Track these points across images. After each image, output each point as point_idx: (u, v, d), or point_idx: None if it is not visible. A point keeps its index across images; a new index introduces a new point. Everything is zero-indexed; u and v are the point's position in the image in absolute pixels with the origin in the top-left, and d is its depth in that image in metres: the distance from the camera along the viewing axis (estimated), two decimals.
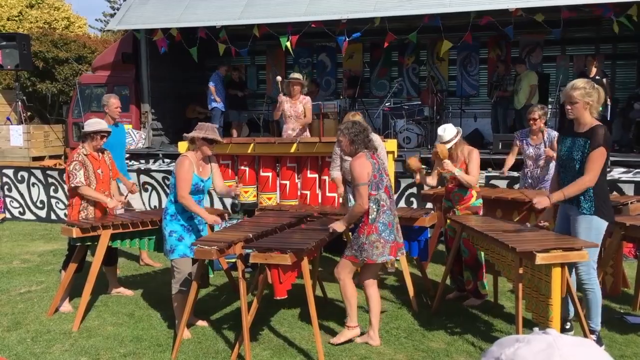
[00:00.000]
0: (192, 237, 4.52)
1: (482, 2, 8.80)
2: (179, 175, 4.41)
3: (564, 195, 4.02)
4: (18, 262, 6.94)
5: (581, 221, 4.07)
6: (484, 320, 4.84)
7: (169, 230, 4.52)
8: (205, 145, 4.50)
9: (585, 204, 4.05)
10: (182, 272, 4.49)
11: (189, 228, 4.55)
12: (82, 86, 12.16)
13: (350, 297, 4.27)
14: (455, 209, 5.20)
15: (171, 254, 4.51)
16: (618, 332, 4.50)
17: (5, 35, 12.56)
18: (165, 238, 4.56)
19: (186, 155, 4.51)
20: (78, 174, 5.11)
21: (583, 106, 3.99)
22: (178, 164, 4.47)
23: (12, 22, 20.69)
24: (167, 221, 4.54)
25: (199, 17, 10.26)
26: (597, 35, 11.10)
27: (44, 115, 16.37)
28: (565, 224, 4.29)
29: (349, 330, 4.32)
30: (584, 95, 3.97)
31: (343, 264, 4.26)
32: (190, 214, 4.55)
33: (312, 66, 13.05)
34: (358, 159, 4.13)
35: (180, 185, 4.39)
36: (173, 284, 4.55)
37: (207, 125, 4.56)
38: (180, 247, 4.49)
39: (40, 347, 4.40)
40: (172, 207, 4.54)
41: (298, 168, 6.26)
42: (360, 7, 9.42)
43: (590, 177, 3.93)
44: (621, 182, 7.23)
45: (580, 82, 4.06)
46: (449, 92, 11.96)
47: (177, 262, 4.50)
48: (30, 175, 9.66)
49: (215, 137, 4.51)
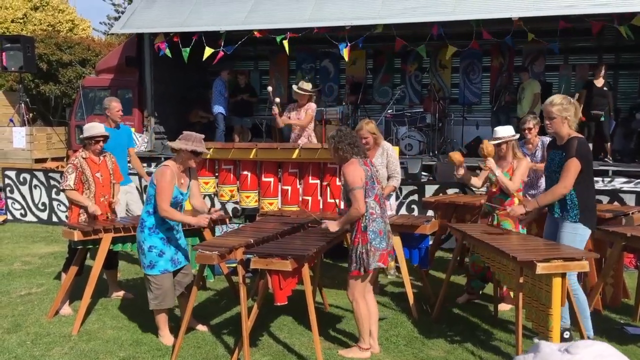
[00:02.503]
0: (172, 249, 4.42)
1: (485, 10, 8.82)
2: (161, 186, 4.22)
3: (538, 203, 4.32)
4: (19, 264, 6.95)
5: (566, 227, 4.25)
6: (483, 329, 4.84)
7: (148, 245, 4.35)
8: (192, 158, 4.34)
9: (571, 211, 4.23)
10: (162, 288, 4.38)
11: (168, 240, 4.41)
12: (85, 89, 12.20)
13: (364, 319, 4.20)
14: (495, 213, 5.13)
15: (150, 270, 4.36)
16: (618, 343, 4.49)
17: (9, 37, 12.63)
18: (143, 252, 4.37)
19: (168, 165, 4.31)
20: (69, 177, 5.13)
21: (561, 121, 4.22)
22: (159, 174, 4.25)
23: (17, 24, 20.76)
24: (146, 235, 4.36)
25: (203, 22, 10.30)
26: (599, 45, 11.13)
27: (47, 117, 16.41)
28: (552, 231, 4.42)
29: (360, 352, 4.25)
30: (561, 110, 4.20)
31: (352, 284, 4.19)
32: (169, 225, 4.40)
33: (315, 72, 13.08)
34: (350, 164, 4.12)
35: (161, 197, 4.20)
36: (151, 299, 4.41)
37: (194, 135, 4.35)
38: (161, 263, 4.37)
39: (40, 349, 4.40)
40: (150, 219, 4.36)
41: (300, 174, 6.27)
42: (363, 14, 9.45)
43: (562, 185, 4.15)
44: (623, 192, 7.23)
45: (558, 98, 4.28)
46: (451, 99, 11.98)
47: (157, 279, 4.36)
48: (33, 177, 9.68)
49: (204, 150, 4.37)
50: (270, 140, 11.19)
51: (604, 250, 5.14)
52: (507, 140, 5.08)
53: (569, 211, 4.23)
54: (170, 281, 4.44)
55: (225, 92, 11.30)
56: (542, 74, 11.31)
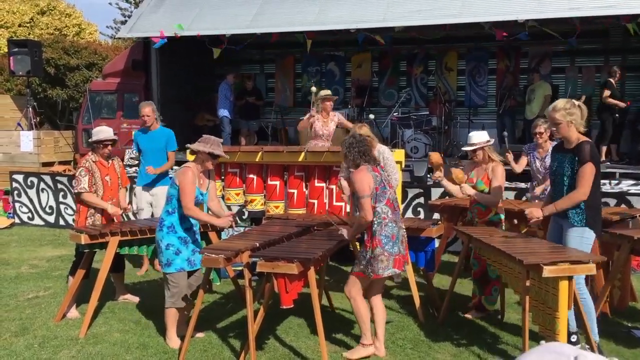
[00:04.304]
0: (189, 250, 4.50)
1: (491, 13, 8.82)
2: (183, 186, 4.34)
3: (555, 208, 4.23)
4: (26, 268, 6.98)
5: (573, 232, 4.22)
6: (490, 332, 4.83)
7: (166, 243, 4.45)
8: (209, 160, 4.46)
9: (577, 216, 4.20)
10: (178, 286, 4.46)
11: (186, 240, 4.50)
12: (92, 93, 12.26)
13: (363, 315, 4.23)
14: (475, 221, 5.16)
15: (167, 268, 4.45)
16: (625, 347, 4.48)
17: (17, 42, 12.69)
18: (161, 250, 4.48)
19: (189, 166, 4.44)
20: (83, 180, 5.16)
21: (567, 125, 4.19)
22: (181, 175, 4.38)
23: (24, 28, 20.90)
24: (164, 233, 4.46)
25: (209, 26, 10.34)
26: (606, 47, 11.09)
27: (54, 121, 16.49)
28: (556, 234, 4.42)
29: (364, 348, 4.27)
30: (565, 115, 4.17)
31: (352, 282, 4.23)
32: (187, 225, 4.50)
33: (321, 75, 13.08)
34: (359, 172, 4.12)
35: (185, 197, 4.33)
36: (167, 297, 4.49)
37: (212, 139, 4.49)
38: (178, 261, 4.45)
39: (47, 352, 4.42)
40: (169, 219, 4.47)
41: (306, 177, 6.27)
42: (369, 17, 9.46)
43: (581, 191, 4.11)
44: (630, 195, 7.20)
45: (560, 102, 4.25)
46: (457, 102, 11.96)
47: (174, 277, 4.45)
48: (40, 180, 9.73)
49: (221, 153, 4.48)
50: (277, 144, 11.21)
51: (611, 254, 5.11)
52: (482, 146, 5.04)
53: (575, 215, 4.20)
54: (186, 280, 4.52)
55: (230, 95, 11.33)
56: (548, 76, 11.27)
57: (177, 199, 4.40)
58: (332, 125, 7.14)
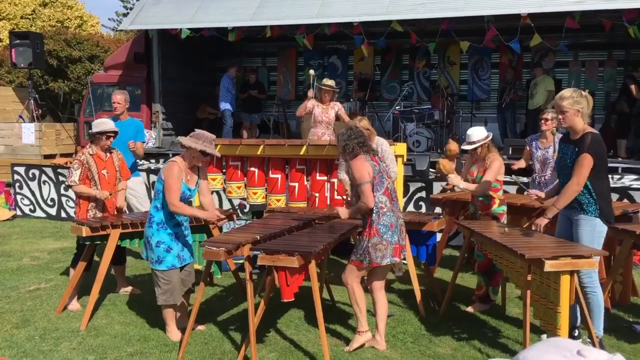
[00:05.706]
0: (180, 245, 4.44)
1: (495, 6, 8.79)
2: (169, 182, 4.22)
3: (556, 208, 4.17)
4: (28, 260, 6.99)
5: (584, 224, 4.15)
6: (491, 326, 4.82)
7: (156, 240, 4.36)
8: (200, 158, 4.33)
9: (590, 207, 4.13)
10: (170, 284, 4.40)
11: (176, 236, 4.42)
12: (94, 85, 12.25)
13: (359, 302, 4.26)
14: (478, 214, 5.17)
15: (158, 265, 4.38)
16: (626, 341, 4.47)
17: (19, 33, 12.67)
18: (151, 247, 4.40)
19: (175, 161, 4.31)
20: (74, 173, 5.15)
21: (574, 114, 4.13)
22: (167, 170, 4.26)
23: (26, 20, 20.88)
24: (154, 230, 4.37)
25: (211, 18, 10.32)
26: (609, 41, 11.04)
27: (56, 113, 16.50)
28: (566, 228, 4.35)
29: (360, 336, 4.30)
30: (572, 104, 4.11)
31: (349, 270, 4.26)
32: (177, 220, 4.42)
33: (323, 68, 13.05)
34: (357, 160, 4.16)
35: (170, 194, 4.22)
36: (159, 294, 4.43)
37: (205, 135, 4.33)
38: (169, 259, 4.38)
39: (48, 344, 4.43)
40: (158, 215, 4.37)
41: (307, 170, 6.26)
42: (372, 10, 9.43)
43: (574, 181, 4.06)
44: (632, 190, 7.18)
45: (568, 91, 4.20)
46: (459, 96, 11.92)
47: (166, 275, 4.38)
48: (42, 173, 9.73)
49: (213, 152, 4.36)
50: (278, 137, 11.21)
51: (613, 248, 5.10)
52: (482, 143, 5.04)
53: (587, 207, 4.13)
54: (178, 277, 4.47)
55: (232, 88, 11.32)
56: (551, 70, 11.24)
57: (164, 194, 4.31)
58: (332, 113, 7.18)
